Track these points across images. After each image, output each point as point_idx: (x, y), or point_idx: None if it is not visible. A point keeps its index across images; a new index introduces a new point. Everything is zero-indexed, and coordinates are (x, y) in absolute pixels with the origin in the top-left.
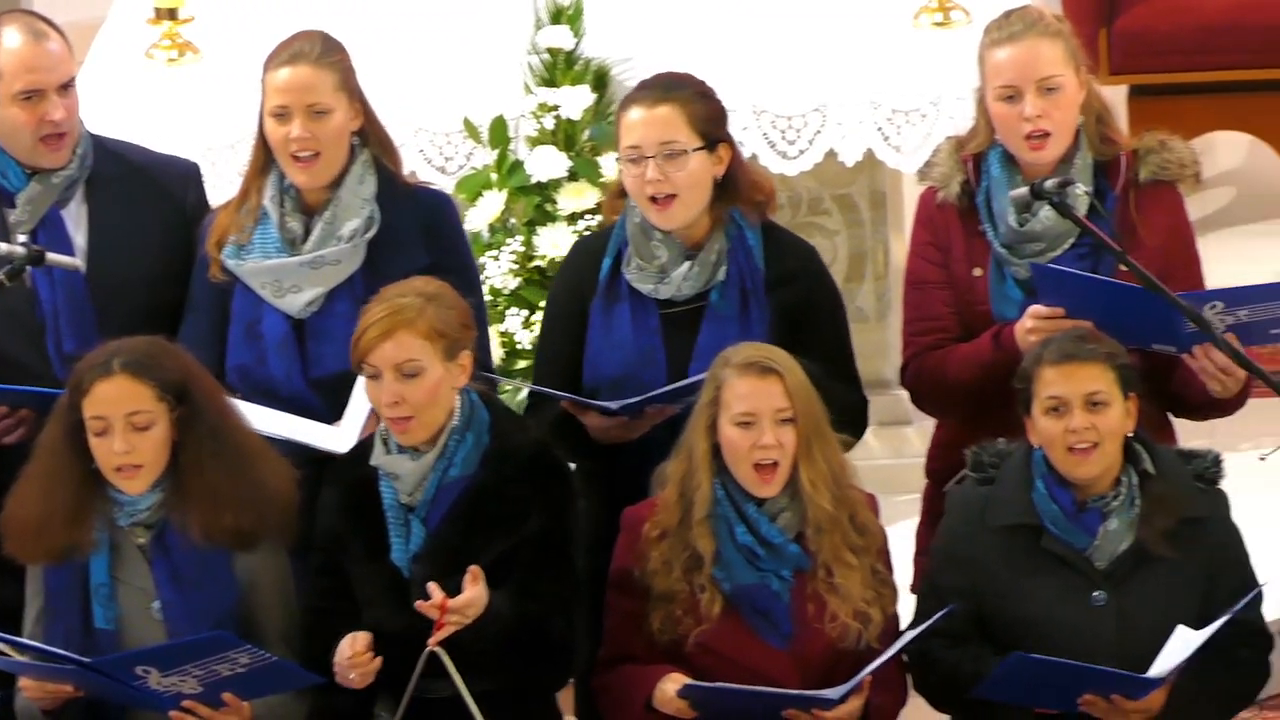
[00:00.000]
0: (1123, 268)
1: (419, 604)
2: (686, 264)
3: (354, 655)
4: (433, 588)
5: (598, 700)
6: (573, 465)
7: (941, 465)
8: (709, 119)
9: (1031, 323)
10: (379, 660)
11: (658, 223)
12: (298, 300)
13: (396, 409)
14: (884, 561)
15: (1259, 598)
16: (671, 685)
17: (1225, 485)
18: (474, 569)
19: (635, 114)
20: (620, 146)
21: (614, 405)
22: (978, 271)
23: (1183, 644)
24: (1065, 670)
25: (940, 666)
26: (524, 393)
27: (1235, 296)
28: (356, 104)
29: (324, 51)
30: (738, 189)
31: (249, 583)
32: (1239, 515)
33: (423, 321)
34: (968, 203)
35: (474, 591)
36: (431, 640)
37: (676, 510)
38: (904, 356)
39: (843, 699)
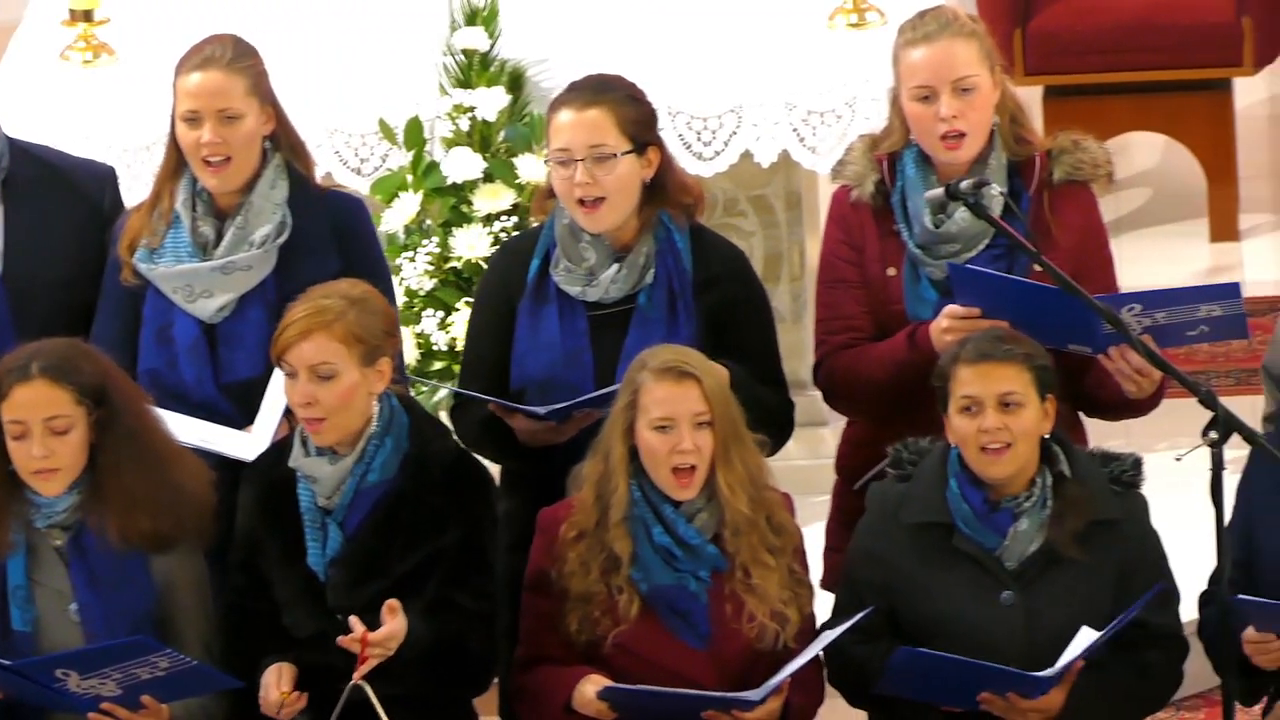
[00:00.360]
0: (1038, 269)
1: (340, 640)
2: (614, 266)
3: (280, 695)
4: (354, 621)
5: (516, 701)
6: (495, 469)
7: (851, 463)
8: (638, 122)
9: (947, 322)
10: (304, 698)
11: (586, 226)
12: (209, 305)
13: (309, 410)
14: (800, 562)
15: (1161, 599)
16: (591, 687)
17: (1143, 487)
18: (391, 602)
19: (565, 116)
20: (549, 148)
21: (541, 410)
22: (891, 271)
23: (1084, 642)
24: (957, 667)
25: (852, 662)
26: (441, 393)
27: (1154, 299)
28: (268, 108)
29: (236, 56)
30: (666, 192)
31: (166, 585)
32: (1154, 516)
33: (341, 325)
34: (882, 202)
35: (394, 625)
36: (356, 675)
37: (594, 512)
38: (816, 355)
39: (762, 700)
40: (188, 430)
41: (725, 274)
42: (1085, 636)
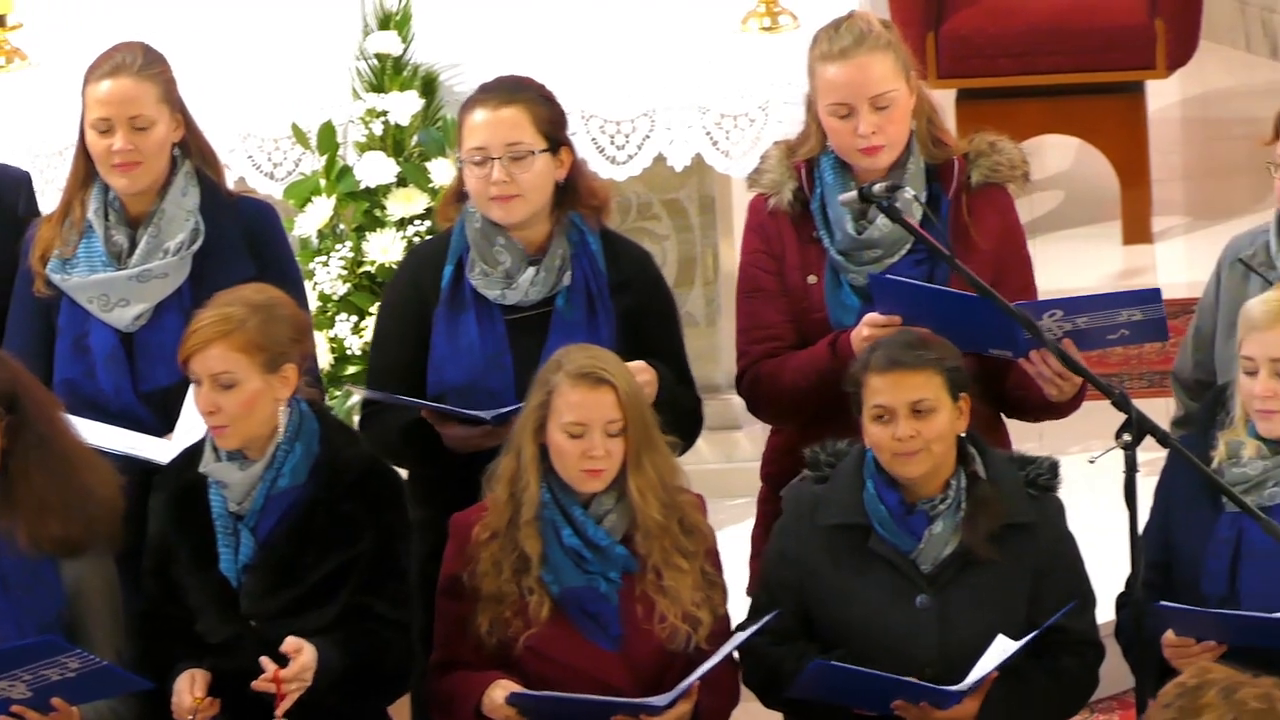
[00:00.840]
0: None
1: (255, 685)
2: (532, 269)
3: (194, 701)
4: (265, 662)
5: (430, 707)
6: (404, 474)
7: (777, 470)
8: (552, 122)
9: (868, 330)
10: (217, 704)
11: (498, 218)
12: (126, 314)
13: (212, 418)
14: (713, 563)
15: (1077, 609)
16: (500, 692)
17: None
18: (291, 640)
19: (480, 115)
20: (463, 149)
21: (487, 415)
22: (812, 279)
23: (998, 653)
24: (870, 679)
25: (765, 663)
26: (354, 399)
27: (1075, 305)
28: (178, 115)
29: (146, 64)
30: (577, 193)
31: (76, 589)
32: (1068, 518)
33: (240, 335)
34: (800, 209)
35: (302, 659)
36: (278, 713)
37: (506, 510)
38: (739, 365)
39: (670, 705)
40: (107, 436)
41: (637, 277)
42: (1000, 647)
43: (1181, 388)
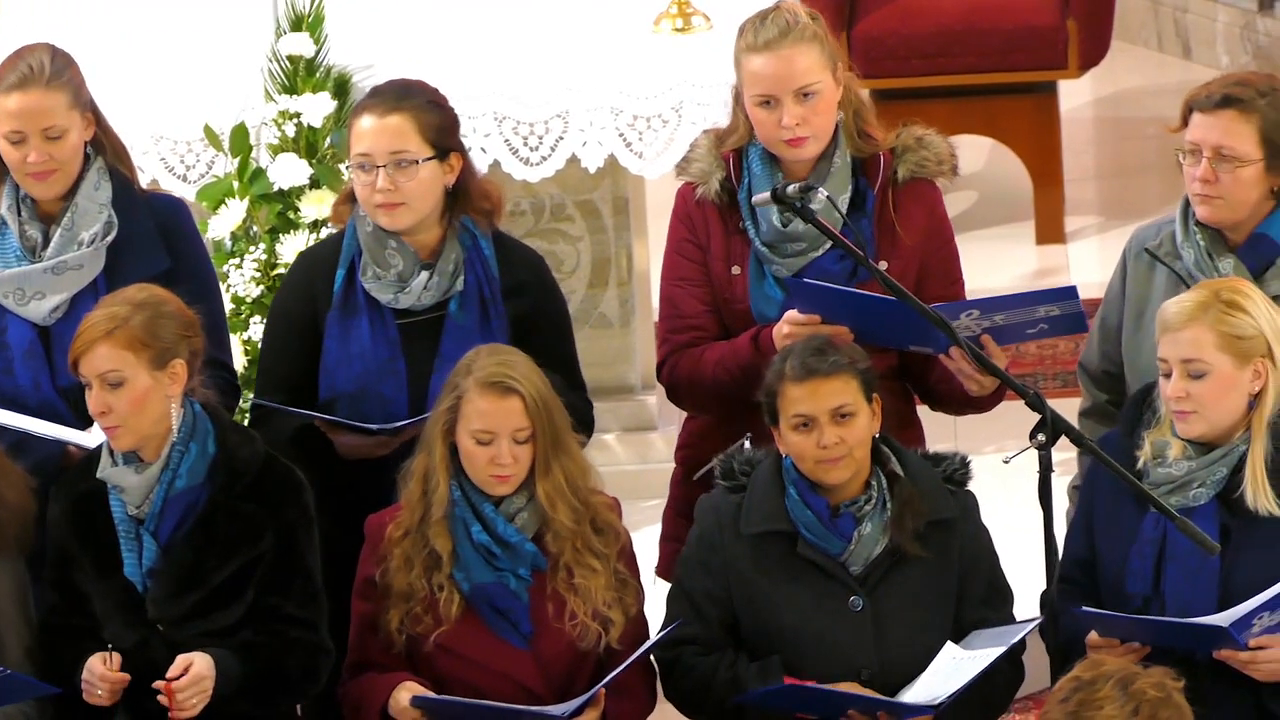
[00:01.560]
0: (884, 266)
1: (157, 684)
2: (425, 274)
3: (106, 672)
4: (160, 685)
5: (341, 707)
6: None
7: (692, 454)
8: (440, 128)
9: (788, 328)
10: (127, 677)
11: (384, 224)
12: (42, 307)
13: (104, 419)
14: (627, 564)
15: (998, 598)
16: (405, 694)
17: (970, 487)
18: (181, 657)
19: (366, 122)
20: (350, 154)
21: (374, 427)
22: (736, 270)
23: (953, 667)
24: (832, 697)
25: (693, 674)
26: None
27: (992, 304)
28: (88, 115)
29: (54, 71)
30: (468, 198)
31: None
32: (984, 518)
33: (124, 332)
34: (727, 199)
35: (194, 672)
36: None
37: (419, 507)
38: (659, 353)
39: (577, 711)
40: (25, 421)
41: (530, 281)
42: (954, 657)
43: (1089, 378)
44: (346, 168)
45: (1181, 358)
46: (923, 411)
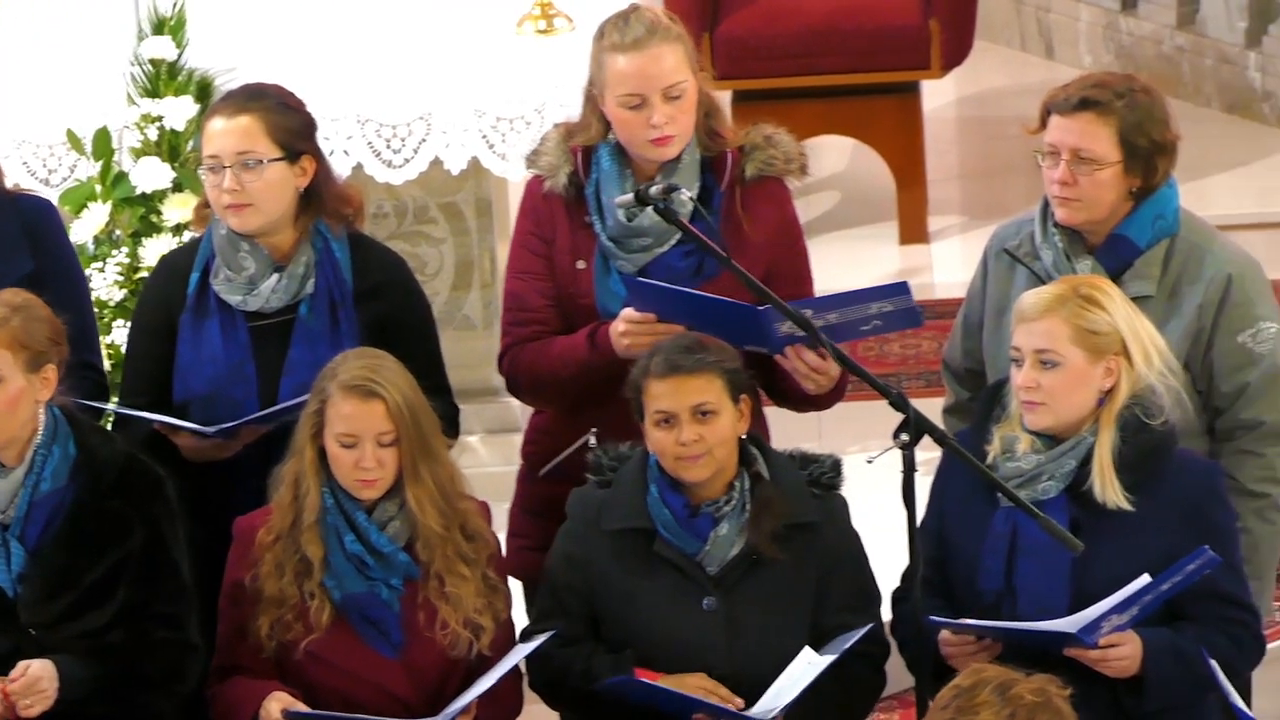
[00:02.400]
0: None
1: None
2: (275, 276)
3: None
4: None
5: (210, 709)
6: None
7: (535, 450)
8: (290, 130)
9: (624, 326)
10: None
11: (233, 225)
12: None
13: None
14: (497, 569)
15: (863, 600)
16: (275, 705)
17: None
18: (20, 664)
19: (216, 124)
20: (203, 156)
21: (209, 430)
22: (581, 264)
23: (802, 673)
24: (673, 698)
25: (551, 664)
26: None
27: (824, 304)
28: None
29: None
30: (323, 201)
31: None
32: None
33: (5, 332)
34: (575, 194)
35: (30, 674)
36: None
37: (290, 512)
38: (502, 344)
39: None
40: None
41: (387, 283)
42: (805, 659)
43: (952, 375)
44: (201, 174)
45: (1035, 348)
46: (788, 414)
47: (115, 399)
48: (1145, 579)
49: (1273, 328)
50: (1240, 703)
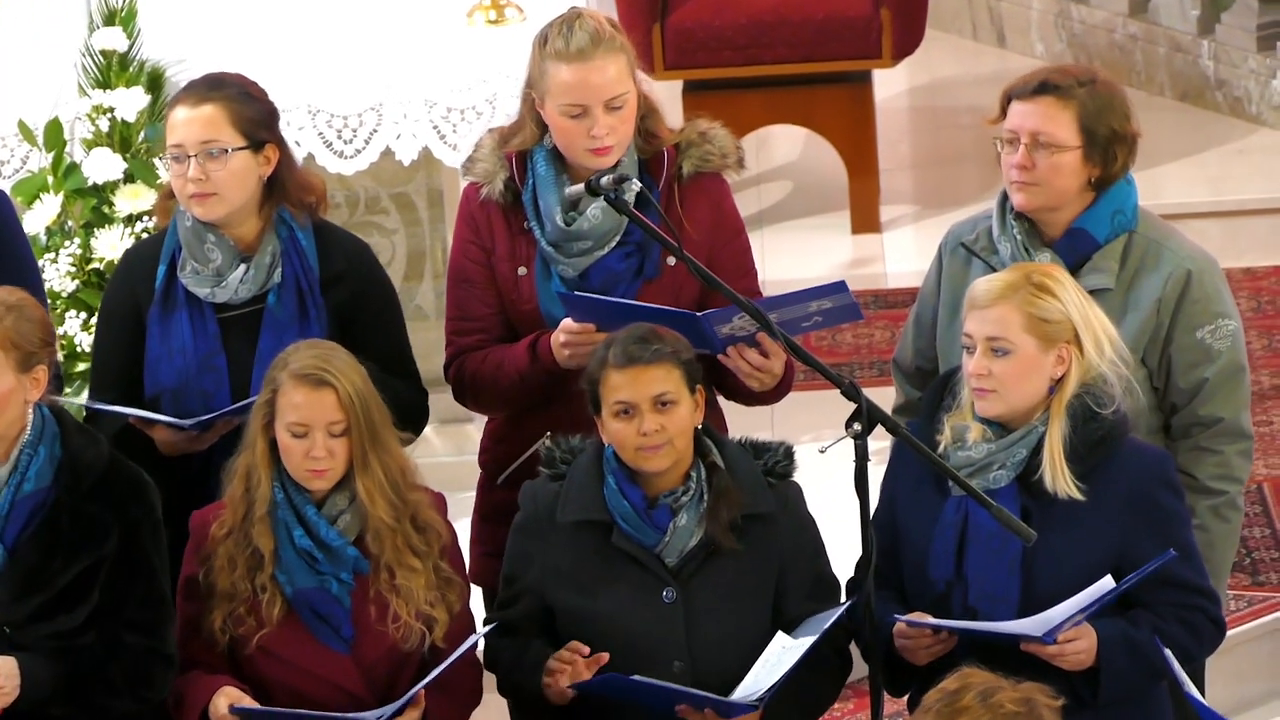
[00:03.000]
0: (671, 263)
1: None
2: (242, 267)
3: None
4: None
5: (167, 705)
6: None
7: (490, 458)
8: (253, 119)
9: (565, 337)
10: None
11: (198, 214)
12: None
13: None
14: (450, 561)
15: (826, 589)
16: (223, 700)
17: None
18: None
19: (179, 114)
20: (166, 145)
21: (186, 422)
22: (523, 270)
23: (779, 658)
24: (657, 691)
25: (501, 659)
26: (79, 400)
27: (763, 306)
28: None
29: None
30: (286, 190)
31: None
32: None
33: None
34: (512, 199)
35: None
36: None
37: (242, 505)
38: (447, 353)
39: (396, 713)
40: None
41: (350, 269)
42: (780, 644)
43: (902, 375)
44: (161, 160)
45: (986, 335)
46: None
47: (68, 390)
48: (1110, 583)
49: (1231, 324)
50: (1194, 691)
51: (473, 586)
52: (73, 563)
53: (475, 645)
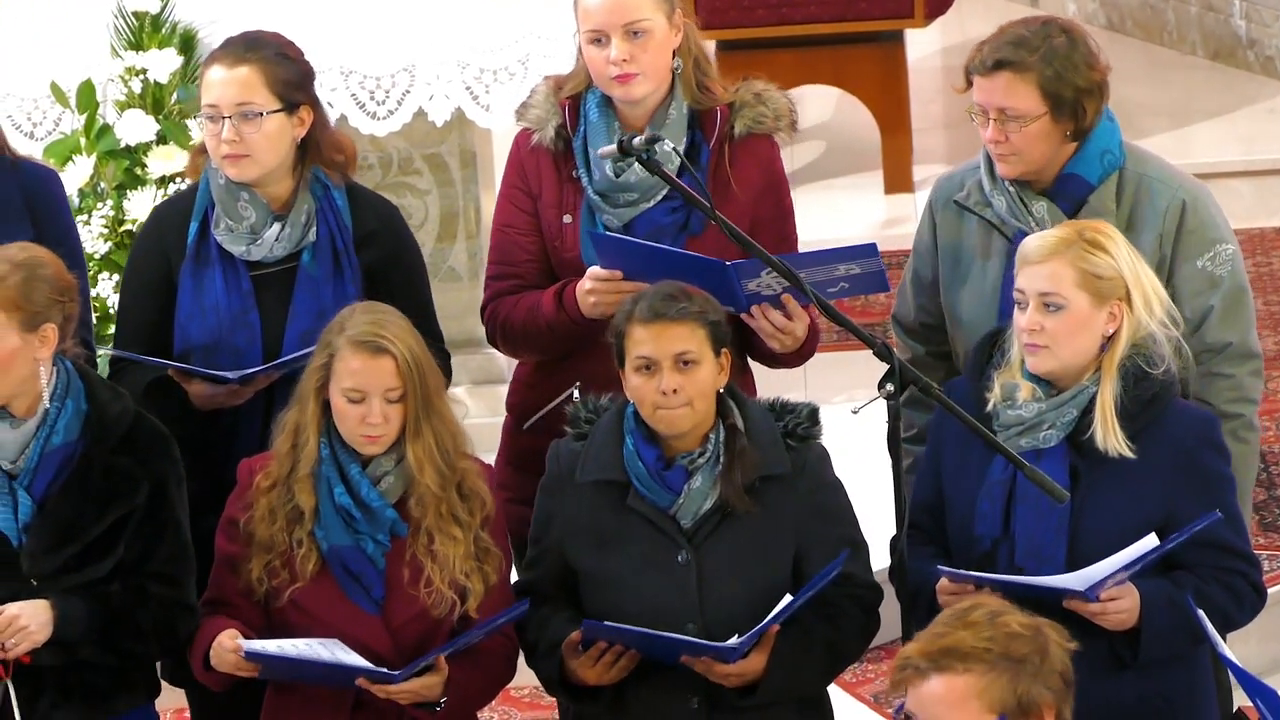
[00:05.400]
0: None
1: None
2: (277, 225)
3: None
4: None
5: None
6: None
7: (518, 400)
8: (289, 81)
9: (590, 284)
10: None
11: (231, 175)
12: None
13: None
14: (491, 531)
15: (851, 555)
16: (229, 641)
17: (823, 439)
18: (9, 607)
19: (215, 73)
20: (201, 104)
21: (233, 375)
22: (568, 218)
23: (773, 610)
24: (650, 639)
25: (524, 638)
26: (102, 353)
27: (791, 263)
28: None
29: None
30: (320, 150)
31: None
32: (837, 468)
33: None
34: (563, 147)
35: (7, 614)
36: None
37: (288, 461)
38: (484, 295)
39: (415, 674)
40: None
41: (381, 230)
42: (780, 603)
43: (903, 330)
44: (196, 120)
45: (1039, 290)
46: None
47: (101, 353)
48: (1154, 540)
49: (1229, 248)
50: (1229, 653)
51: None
52: (104, 514)
53: (505, 620)
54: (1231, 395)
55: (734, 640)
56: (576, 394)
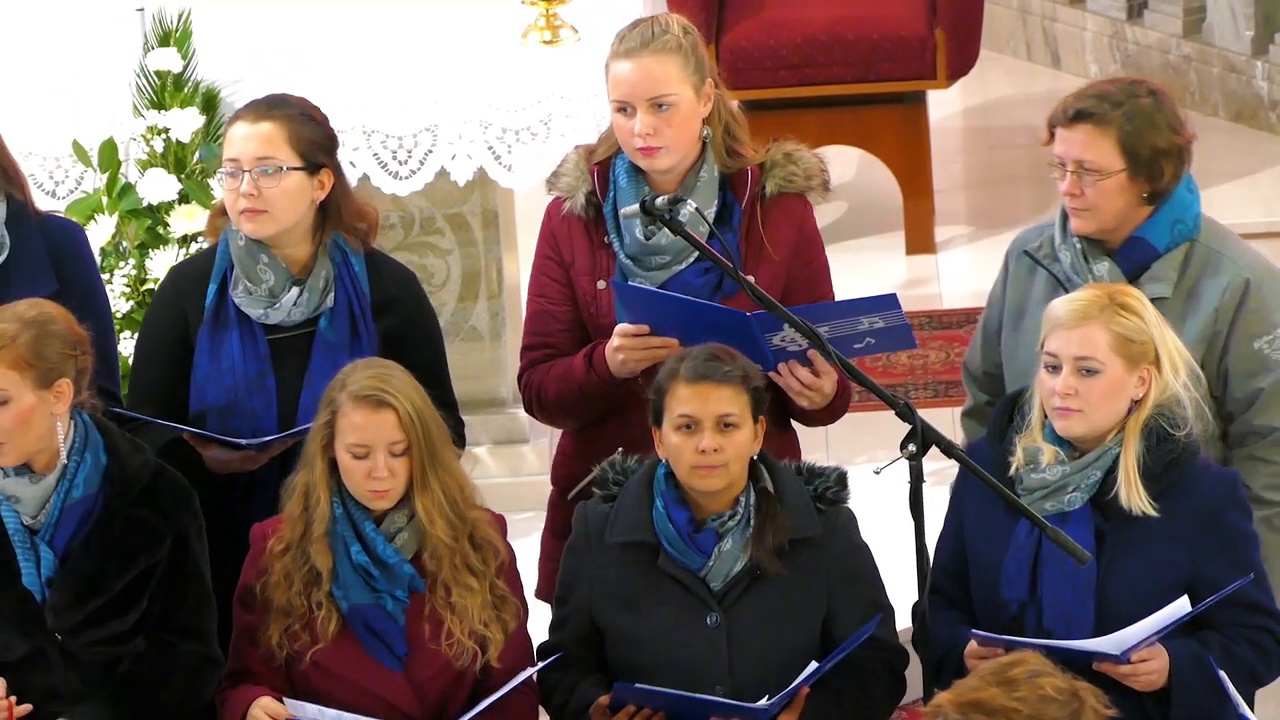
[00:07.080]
0: (750, 279)
1: None
2: (296, 289)
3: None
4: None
5: (218, 712)
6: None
7: (564, 474)
8: (312, 141)
9: (619, 340)
10: (27, 707)
11: (247, 231)
12: None
13: None
14: (507, 580)
15: (879, 620)
16: (260, 712)
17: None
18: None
19: (238, 129)
20: (222, 159)
21: (253, 443)
22: (601, 284)
23: (803, 673)
24: (679, 700)
25: (553, 700)
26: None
27: (812, 315)
28: None
29: None
30: (341, 216)
31: None
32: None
33: (9, 352)
34: (594, 213)
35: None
36: None
37: (300, 523)
38: (521, 363)
39: None
40: None
41: (400, 297)
42: (809, 665)
43: (971, 379)
44: (218, 179)
45: (1074, 355)
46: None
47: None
48: (1186, 605)
49: None
50: (1249, 712)
51: (538, 603)
52: (127, 568)
53: (519, 682)
54: (1270, 481)
55: (764, 702)
56: (604, 465)
